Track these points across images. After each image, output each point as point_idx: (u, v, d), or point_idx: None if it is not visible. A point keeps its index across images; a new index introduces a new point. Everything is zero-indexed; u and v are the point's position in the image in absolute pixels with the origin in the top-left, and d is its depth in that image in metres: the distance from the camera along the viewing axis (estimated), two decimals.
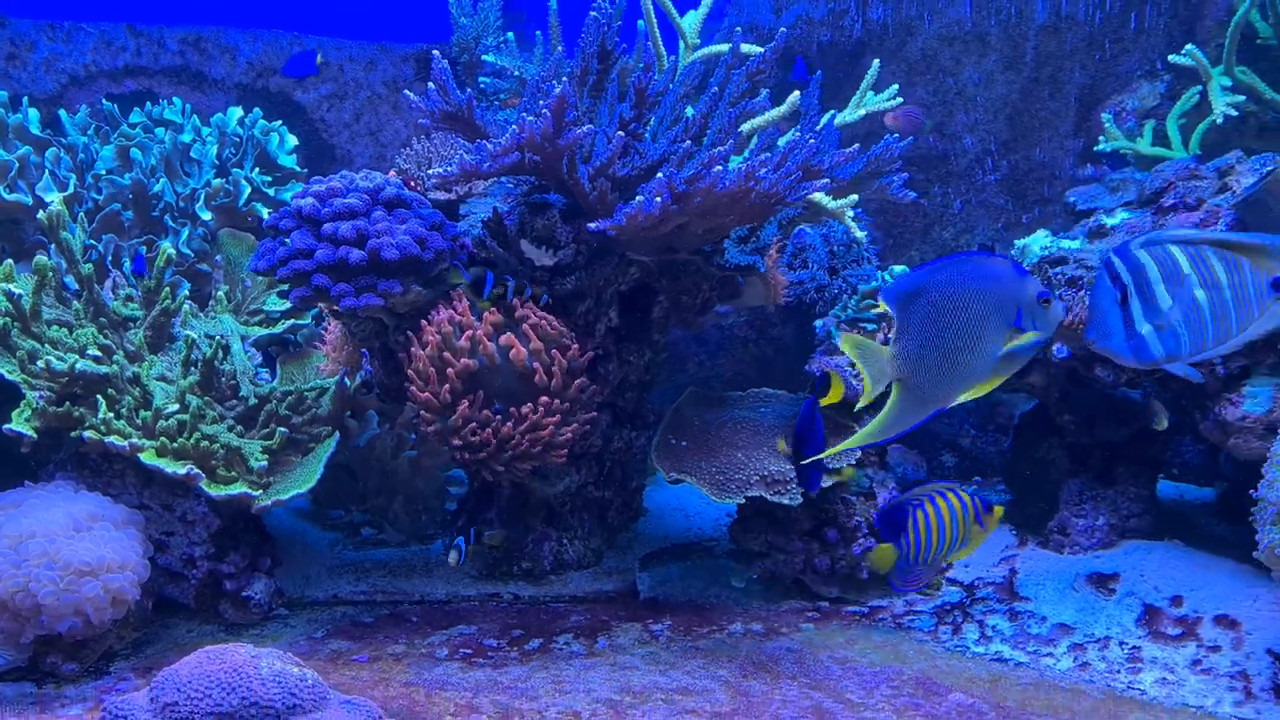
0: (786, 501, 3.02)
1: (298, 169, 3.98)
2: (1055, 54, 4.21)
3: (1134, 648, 2.83)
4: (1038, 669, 2.80)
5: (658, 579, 3.39)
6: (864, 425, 2.75)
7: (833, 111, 3.14)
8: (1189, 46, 3.48)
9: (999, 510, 2.63)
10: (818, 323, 3.52)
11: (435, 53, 2.57)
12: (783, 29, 2.76)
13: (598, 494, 3.40)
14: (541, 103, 2.47)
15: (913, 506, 2.58)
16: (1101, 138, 3.60)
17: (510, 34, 3.38)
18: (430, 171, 2.66)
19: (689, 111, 2.81)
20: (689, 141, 2.57)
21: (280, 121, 4.03)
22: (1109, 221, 3.26)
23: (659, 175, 2.33)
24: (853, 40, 4.33)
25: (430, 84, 2.56)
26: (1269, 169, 2.90)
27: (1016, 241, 3.56)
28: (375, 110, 4.41)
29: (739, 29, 3.01)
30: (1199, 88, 3.65)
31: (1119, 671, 2.75)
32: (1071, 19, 4.18)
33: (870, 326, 3.23)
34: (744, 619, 3.10)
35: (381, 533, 3.61)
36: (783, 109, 2.80)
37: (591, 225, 2.48)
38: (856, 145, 2.76)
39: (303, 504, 3.74)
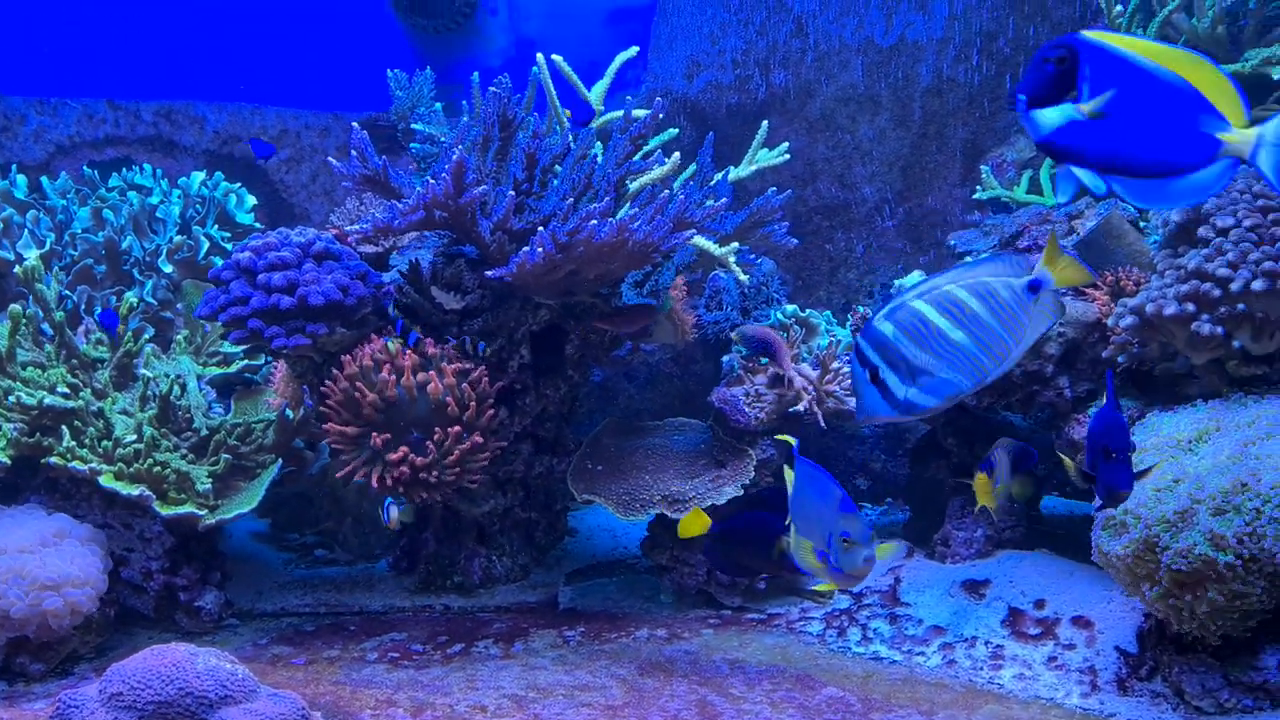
0: (682, 516, 3.18)
1: (256, 225, 4.18)
2: (940, 112, 4.40)
3: (998, 646, 2.96)
4: (909, 666, 2.94)
5: (579, 592, 3.54)
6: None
7: (728, 168, 3.32)
8: None
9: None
10: (725, 358, 3.69)
11: (355, 124, 2.76)
12: (659, 98, 2.93)
13: (525, 515, 3.55)
14: (446, 167, 2.66)
15: None
16: (979, 186, 3.78)
17: (438, 104, 3.57)
18: (348, 229, 2.85)
19: (594, 169, 3.00)
20: (572, 199, 2.75)
21: (240, 184, 4.24)
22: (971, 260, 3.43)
23: (540, 229, 2.52)
24: (758, 102, 4.53)
25: (352, 151, 2.75)
26: (1105, 215, 3.08)
27: (896, 281, 3.73)
28: (329, 172, 4.61)
29: (628, 97, 3.20)
30: None
31: (982, 668, 2.89)
32: (953, 80, 4.39)
33: (763, 360, 3.39)
34: (651, 625, 3.24)
35: (332, 553, 3.77)
36: (665, 168, 2.98)
37: (489, 273, 2.66)
38: (725, 199, 2.94)
39: (261, 528, 3.90)
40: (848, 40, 4.44)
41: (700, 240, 3.01)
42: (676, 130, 3.75)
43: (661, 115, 2.94)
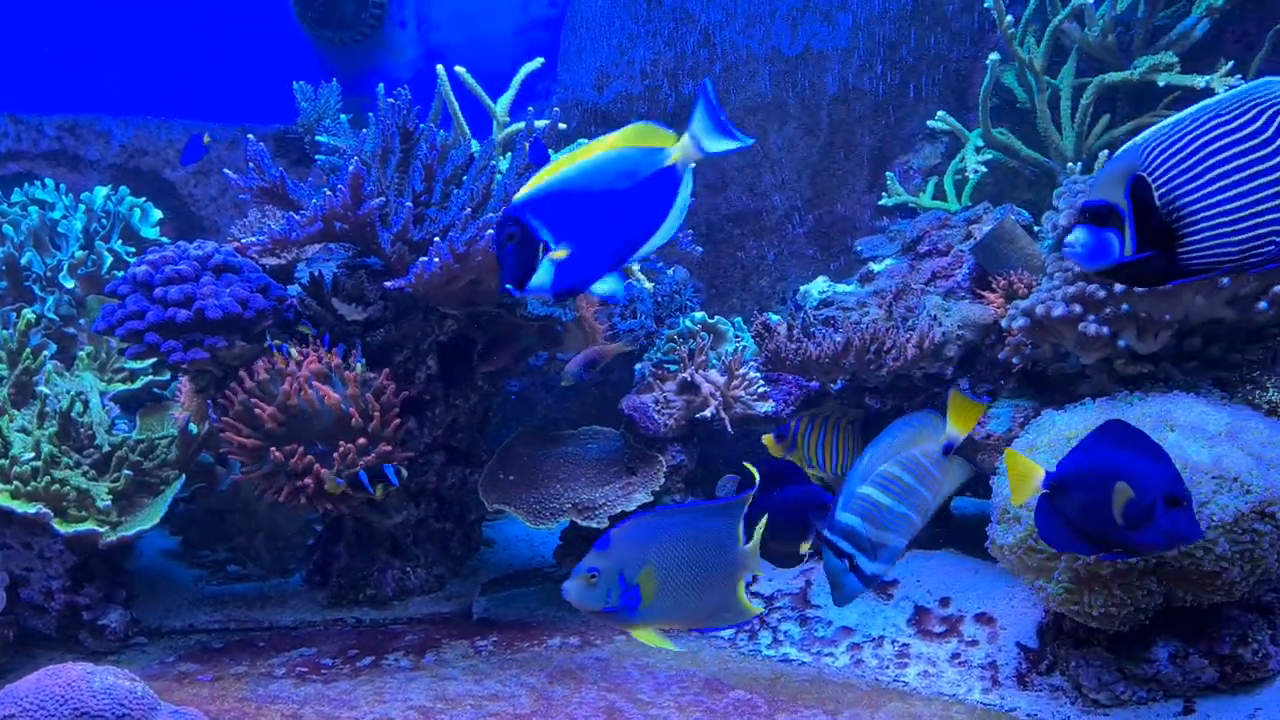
0: (595, 525, 3.19)
1: (162, 239, 4.13)
2: (846, 121, 4.46)
3: (904, 645, 3.00)
4: (817, 667, 2.96)
5: (495, 602, 3.53)
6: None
7: None
8: (940, 113, 3.74)
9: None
10: (637, 366, 3.70)
11: (250, 137, 2.74)
12: (552, 109, 2.95)
13: (439, 526, 3.54)
14: (344, 178, 2.65)
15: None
16: (884, 193, 3.84)
17: (344, 116, 3.55)
18: (244, 241, 2.83)
19: (496, 179, 3.00)
20: (470, 209, 2.75)
21: (146, 199, 4.19)
22: (876, 268, 3.48)
23: (436, 240, 2.52)
24: (668, 112, 4.56)
25: (249, 163, 2.74)
26: (999, 219, 3.14)
27: (801, 286, 3.77)
28: None
29: (530, 109, 3.21)
30: (978, 147, 3.91)
31: (888, 667, 2.92)
32: (858, 90, 4.44)
33: (673, 368, 3.42)
34: (564, 633, 3.24)
35: (245, 568, 3.72)
36: None
37: (388, 283, 2.65)
38: None
39: (173, 545, 3.85)
40: (755, 50, 4.48)
41: None
42: (584, 141, 3.76)
43: (561, 124, 2.95)
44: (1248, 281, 2.62)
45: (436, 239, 2.54)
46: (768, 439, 3.08)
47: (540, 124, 2.97)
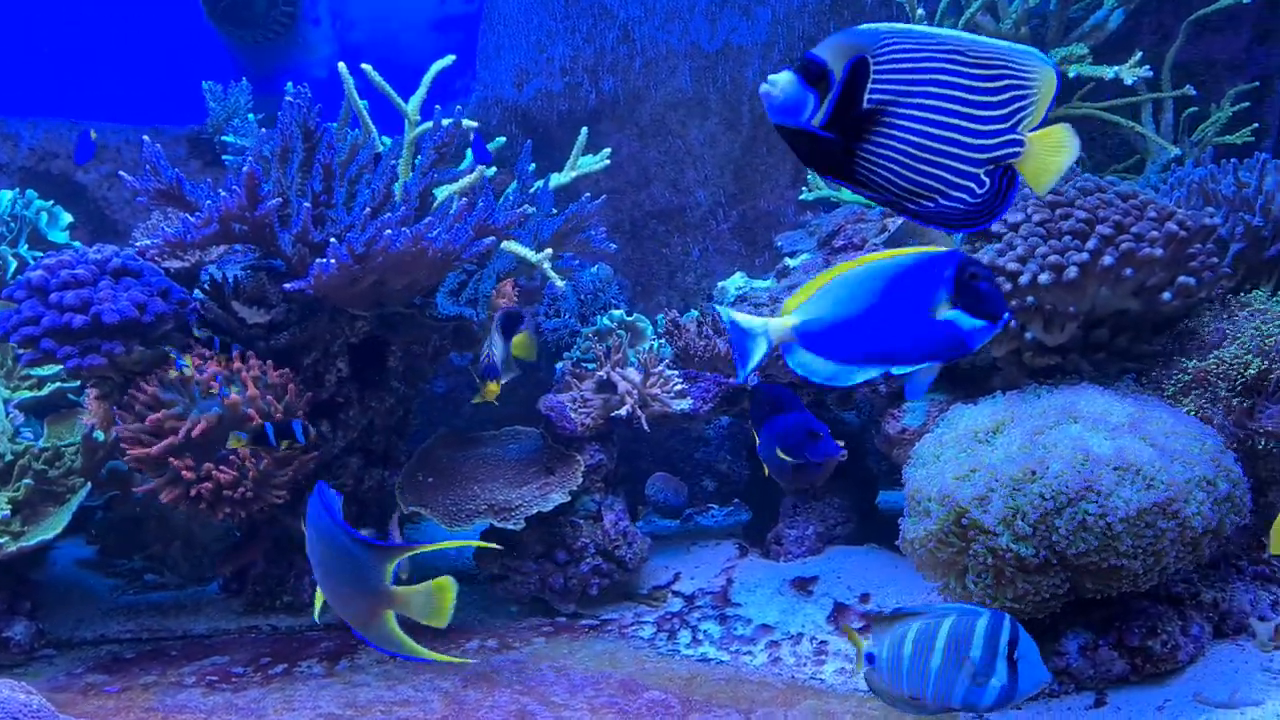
0: (511, 527, 3.15)
1: (73, 244, 4.03)
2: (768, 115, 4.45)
3: (822, 642, 2.99)
4: (735, 666, 2.94)
5: None
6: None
7: (548, 176, 3.31)
8: None
9: (492, 388, 2.93)
10: (558, 365, 3.67)
11: (145, 138, 2.68)
12: (455, 110, 2.90)
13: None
14: (240, 179, 2.59)
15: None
16: (804, 187, 3.81)
17: (252, 115, 3.49)
18: (139, 244, 2.76)
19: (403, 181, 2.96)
20: (370, 209, 2.71)
21: (54, 202, 4.10)
22: (792, 263, 3.46)
23: (332, 241, 2.47)
24: (588, 109, 4.52)
25: (145, 165, 2.67)
26: None
27: (720, 283, 3.75)
28: None
29: (449, 106, 3.16)
30: None
31: (806, 664, 2.90)
32: None
33: (590, 367, 3.38)
34: (483, 636, 3.20)
35: (162, 577, 3.65)
36: (472, 176, 2.95)
37: (286, 285, 2.60)
38: (526, 206, 2.92)
39: (89, 554, 3.77)
40: (674, 46, 4.45)
41: (515, 247, 2.98)
42: (505, 139, 3.72)
43: (471, 122, 2.91)
44: (1154, 272, 2.63)
45: (333, 240, 2.49)
46: None
47: (446, 122, 2.92)
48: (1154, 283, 2.65)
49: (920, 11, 3.39)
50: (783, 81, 1.32)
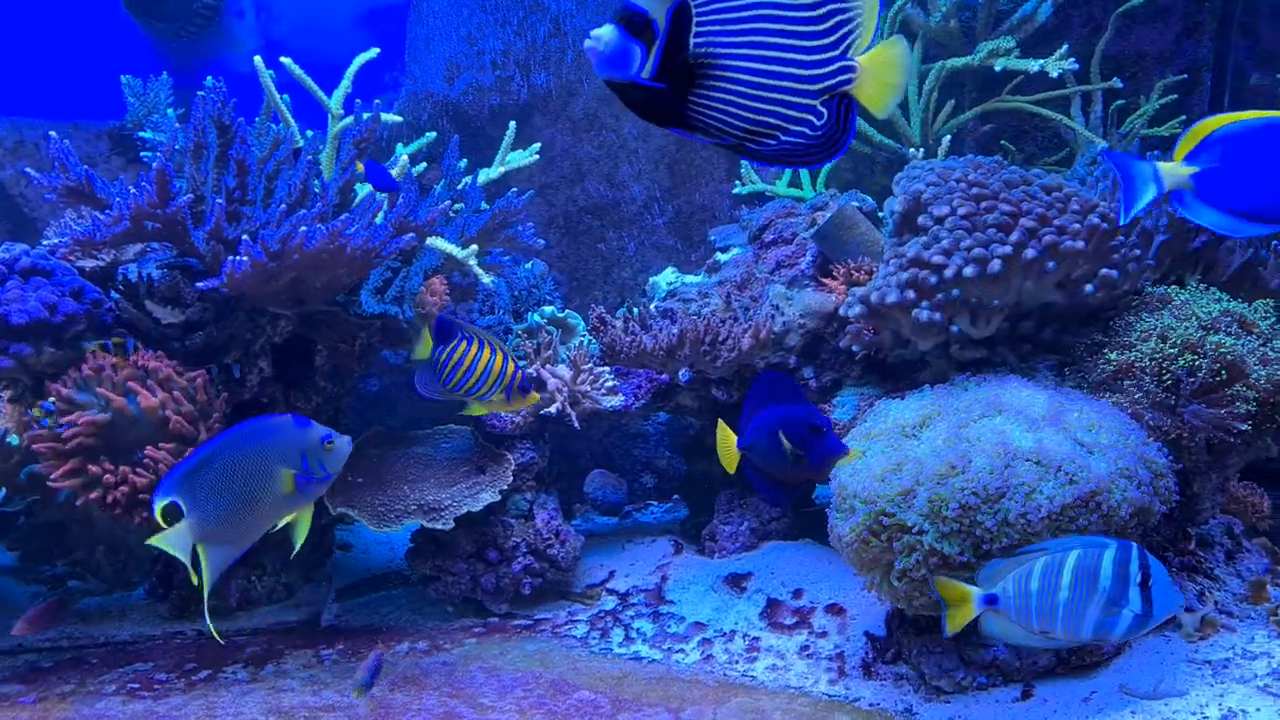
0: (440, 527, 3.11)
1: None
2: None
3: (755, 639, 2.97)
4: (667, 664, 2.92)
5: (347, 608, 3.44)
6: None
7: (476, 171, 3.27)
8: None
9: (534, 396, 2.77)
10: None
11: (52, 134, 2.61)
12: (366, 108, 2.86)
13: (287, 532, 3.43)
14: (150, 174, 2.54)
15: (466, 337, 2.70)
16: (737, 181, 3.80)
17: (172, 111, 3.42)
18: (49, 242, 2.70)
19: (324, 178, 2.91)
20: (286, 205, 2.66)
21: None
22: (722, 258, 3.45)
23: (244, 238, 2.42)
24: (520, 103, 4.49)
25: (53, 161, 2.61)
26: (839, 207, 3.12)
27: (651, 278, 3.73)
28: None
29: (377, 100, 3.11)
30: None
31: (737, 661, 2.89)
32: None
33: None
34: (414, 638, 3.16)
35: (86, 583, 3.57)
36: (395, 171, 2.91)
37: (199, 284, 2.55)
38: (448, 202, 2.88)
39: (10, 561, 3.69)
40: None
41: (441, 243, 2.95)
42: (436, 133, 3.68)
43: (396, 116, 2.87)
44: (1077, 265, 2.63)
45: (245, 237, 2.44)
46: None
47: (366, 116, 2.88)
48: (1078, 275, 2.66)
49: None
50: (607, 36, 1.28)
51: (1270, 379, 2.48)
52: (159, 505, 2.07)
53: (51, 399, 2.71)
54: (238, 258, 2.43)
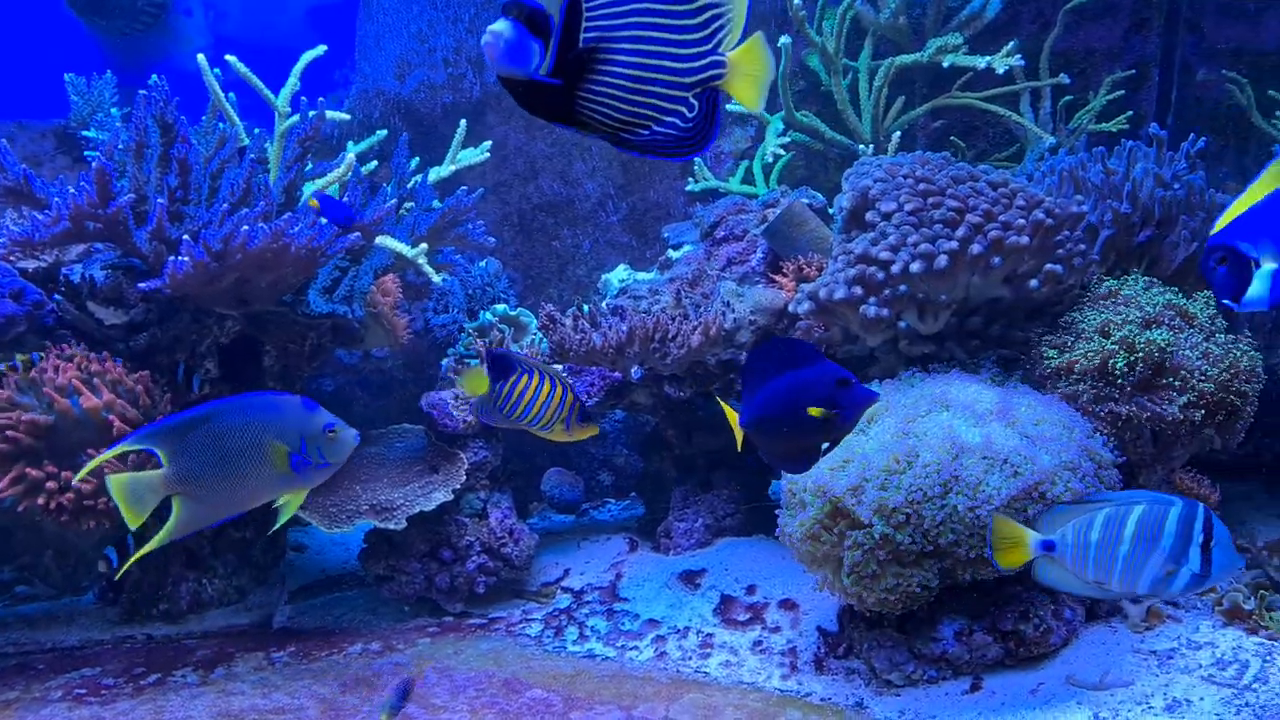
0: (393, 527, 3.10)
1: None
2: None
3: (708, 635, 2.98)
4: (621, 662, 2.92)
5: (300, 609, 3.42)
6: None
7: (427, 170, 3.26)
8: None
9: (594, 428, 2.71)
10: (443, 362, 3.61)
11: None
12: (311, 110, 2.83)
13: (239, 535, 3.40)
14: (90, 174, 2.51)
15: (525, 371, 2.62)
16: (690, 178, 3.80)
17: (116, 110, 3.39)
18: None
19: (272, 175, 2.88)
20: (229, 205, 2.64)
21: None
22: (675, 255, 3.45)
23: (185, 238, 2.40)
24: (473, 101, 4.47)
25: None
26: (788, 204, 3.13)
27: (603, 275, 3.72)
28: None
29: (327, 98, 3.09)
30: (780, 130, 3.91)
31: (691, 658, 2.89)
32: None
33: (473, 362, 3.34)
34: (367, 639, 3.14)
35: (34, 588, 3.53)
36: (340, 170, 2.90)
37: (140, 285, 2.52)
38: (394, 201, 2.87)
39: None
40: None
41: (390, 242, 2.93)
42: (386, 131, 3.66)
43: (344, 115, 2.85)
44: (1023, 260, 2.65)
45: (186, 237, 2.41)
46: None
47: (333, 115, 2.86)
48: (1024, 270, 2.67)
49: (797, 1, 3.38)
50: (508, 34, 1.28)
51: (1210, 375, 2.51)
52: (124, 448, 2.04)
53: None
54: (179, 258, 2.41)
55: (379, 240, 2.89)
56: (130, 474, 2.02)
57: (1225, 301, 1.81)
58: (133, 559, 2.15)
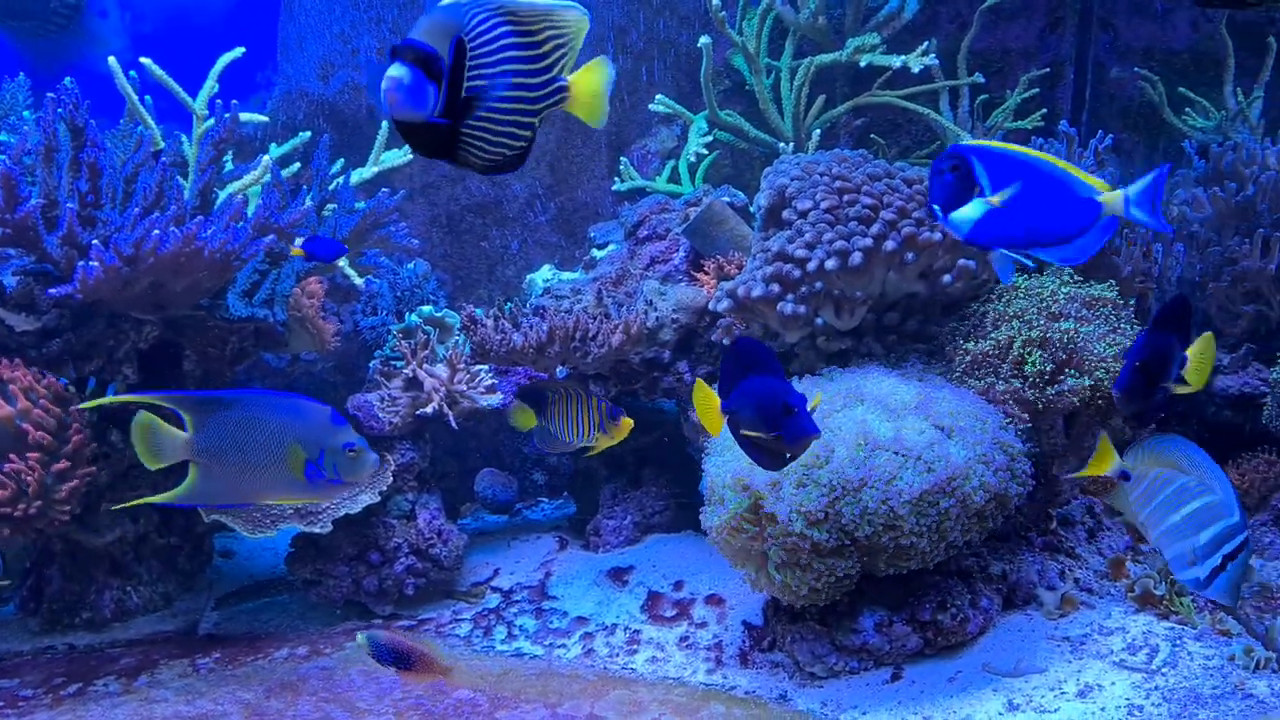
0: (318, 530, 3.08)
1: None
2: None
3: (635, 631, 2.99)
4: (549, 660, 2.93)
5: (228, 615, 3.39)
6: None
7: (348, 171, 3.24)
8: (659, 96, 3.75)
9: (627, 421, 2.76)
10: (370, 364, 3.59)
11: None
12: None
13: (163, 541, 3.37)
14: None
15: (555, 394, 2.73)
16: (616, 178, 3.81)
17: (28, 113, 3.34)
18: None
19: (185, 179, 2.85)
20: (141, 209, 2.61)
21: None
22: (599, 254, 3.46)
23: (95, 243, 2.37)
24: None
25: None
26: (708, 203, 3.15)
27: (528, 275, 3.72)
28: None
29: (249, 100, 3.06)
30: (703, 129, 3.93)
31: (618, 654, 2.90)
32: None
33: (398, 364, 3.32)
34: (293, 644, 3.12)
35: None
36: (257, 172, 2.87)
37: (51, 290, 2.49)
38: (310, 203, 2.85)
39: None
40: None
41: None
42: (310, 133, 3.63)
43: (259, 116, 2.83)
44: (937, 256, 2.68)
45: (95, 242, 2.38)
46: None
47: (252, 117, 2.83)
48: (939, 266, 2.71)
49: (716, 2, 3.40)
50: (406, 80, 1.32)
51: (1115, 364, 2.56)
52: (152, 399, 2.02)
53: None
54: (89, 263, 2.38)
55: (299, 242, 2.87)
56: (161, 422, 2.00)
57: (933, 206, 1.83)
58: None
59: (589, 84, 1.49)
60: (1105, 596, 2.70)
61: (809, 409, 1.95)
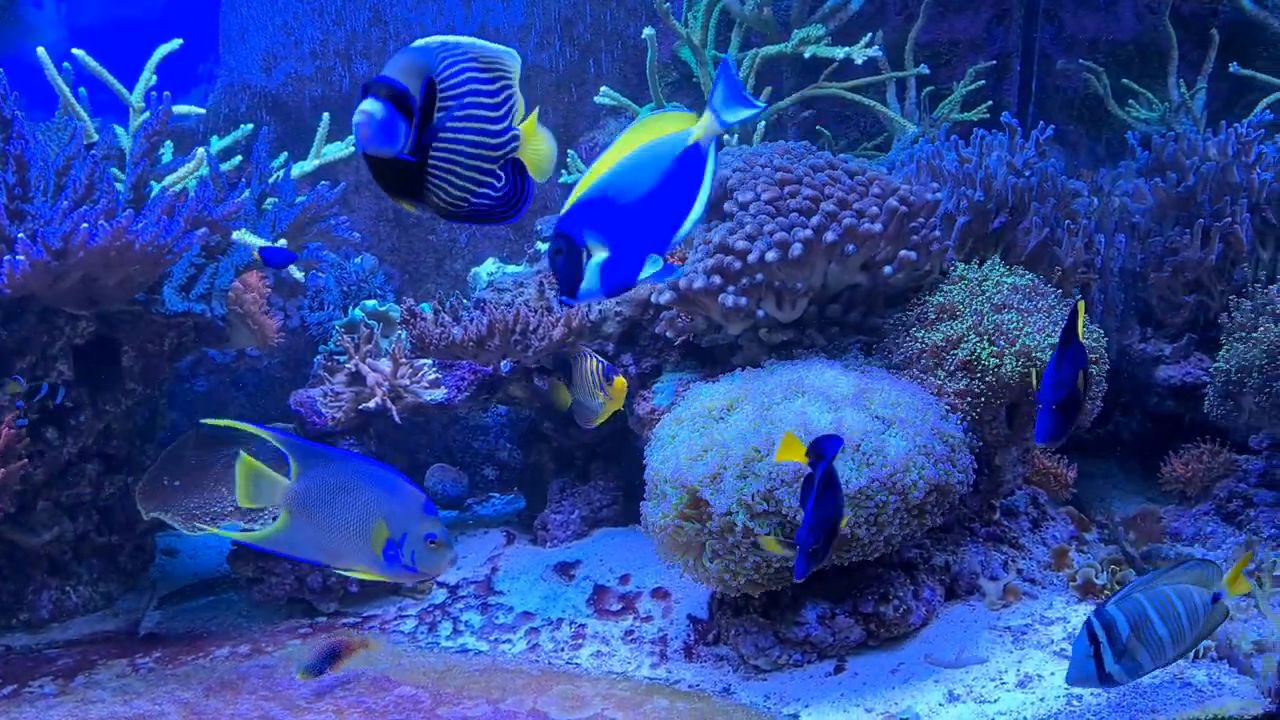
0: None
1: None
2: (529, 99, 4.39)
3: (580, 626, 2.97)
4: (493, 656, 2.90)
5: (171, 614, 3.34)
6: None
7: (289, 165, 3.20)
8: (604, 89, 3.73)
9: (620, 380, 2.77)
10: (315, 359, 3.56)
11: None
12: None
13: (103, 540, 3.32)
14: None
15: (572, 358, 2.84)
16: (564, 171, 3.79)
17: None
18: None
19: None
20: (70, 202, 2.56)
21: None
22: (541, 247, 3.44)
23: (20, 236, 2.33)
24: (343, 94, 4.40)
25: None
26: None
27: (473, 269, 3.69)
28: None
29: (192, 92, 3.02)
30: None
31: (563, 649, 2.88)
32: (538, 67, 4.40)
33: (342, 359, 3.29)
34: (235, 643, 3.08)
35: None
36: (191, 165, 2.83)
37: None
38: (245, 195, 2.82)
39: None
40: (429, 28, 4.35)
41: (249, 237, 2.88)
42: (251, 126, 3.58)
43: (196, 109, 2.78)
44: (878, 247, 2.68)
45: (22, 235, 2.34)
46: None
47: (189, 110, 2.79)
48: (880, 257, 2.71)
49: None
50: (379, 115, 1.33)
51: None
52: (266, 435, 2.01)
53: None
54: (16, 257, 2.33)
55: (236, 236, 2.84)
56: (264, 468, 1.96)
57: (563, 298, 1.70)
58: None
59: (539, 145, 1.53)
60: (1048, 587, 2.71)
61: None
